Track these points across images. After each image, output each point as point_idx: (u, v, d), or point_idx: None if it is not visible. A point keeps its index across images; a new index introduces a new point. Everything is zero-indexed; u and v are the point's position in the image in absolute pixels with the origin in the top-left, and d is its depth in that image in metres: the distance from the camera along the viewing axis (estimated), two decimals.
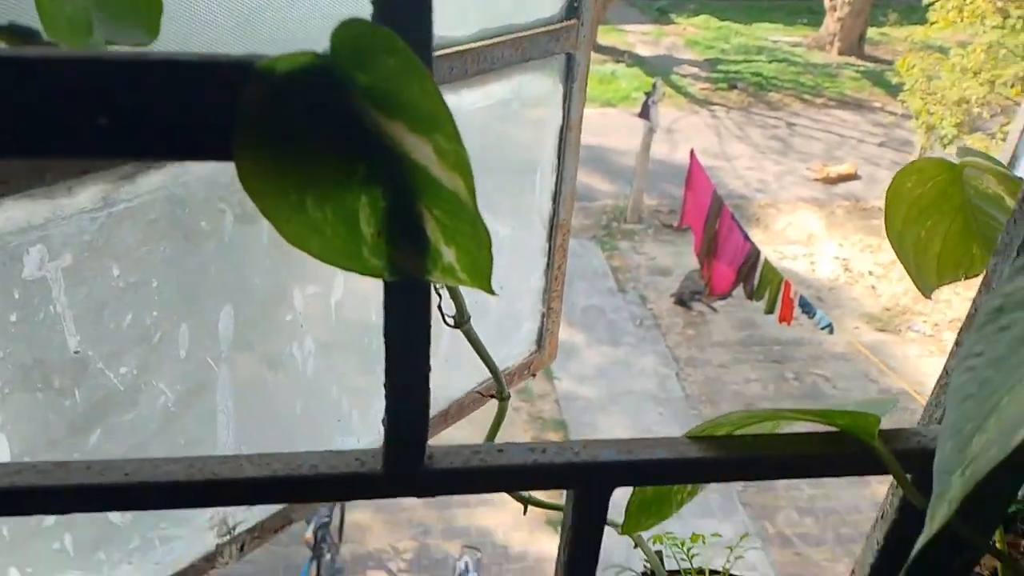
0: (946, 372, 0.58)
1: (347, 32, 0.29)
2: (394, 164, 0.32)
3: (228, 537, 0.97)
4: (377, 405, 1.01)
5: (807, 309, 7.77)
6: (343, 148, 0.31)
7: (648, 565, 0.69)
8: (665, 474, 0.50)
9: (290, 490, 0.47)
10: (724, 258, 8.56)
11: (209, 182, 0.74)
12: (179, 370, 0.82)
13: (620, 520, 0.64)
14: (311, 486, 0.47)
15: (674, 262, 10.01)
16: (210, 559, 0.95)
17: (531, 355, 1.27)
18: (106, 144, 0.31)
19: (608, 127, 12.89)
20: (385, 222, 0.36)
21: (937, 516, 0.39)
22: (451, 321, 0.48)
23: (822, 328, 7.77)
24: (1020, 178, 0.60)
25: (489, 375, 1.29)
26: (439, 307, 0.48)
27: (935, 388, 0.59)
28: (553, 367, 7.98)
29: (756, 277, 8.18)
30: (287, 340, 0.89)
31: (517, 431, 7.13)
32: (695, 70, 15.21)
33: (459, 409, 1.05)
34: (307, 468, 0.47)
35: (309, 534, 4.98)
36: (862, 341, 8.61)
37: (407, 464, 0.47)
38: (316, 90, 0.30)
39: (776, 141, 13.20)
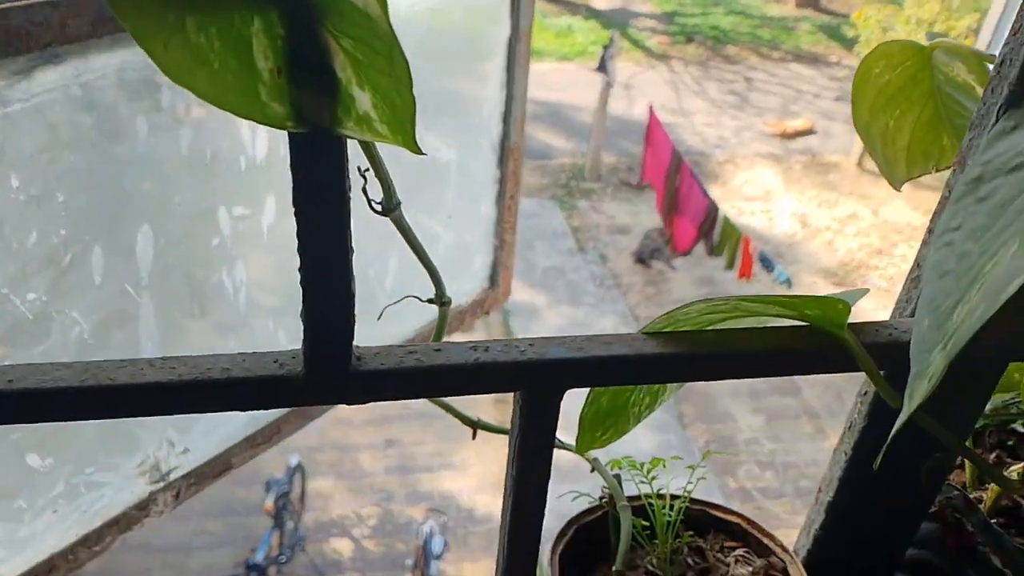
0: (917, 264, 0.54)
1: None
2: None
3: (162, 484, 0.91)
4: None
5: (766, 264, 7.85)
6: None
7: (606, 489, 0.65)
8: (621, 373, 0.46)
9: (199, 396, 0.41)
10: (686, 215, 8.59)
11: (117, 82, 0.66)
12: (94, 298, 0.75)
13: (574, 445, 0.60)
14: (223, 391, 0.41)
15: (633, 220, 10.01)
16: (143, 507, 0.89)
17: (484, 292, 1.22)
18: None
19: (564, 83, 12.76)
20: (285, 56, 0.30)
21: (916, 393, 0.35)
22: (378, 207, 0.43)
23: (780, 283, 7.86)
24: (992, 56, 0.55)
25: (453, 307, 1.23)
26: (364, 190, 0.42)
27: (905, 283, 0.55)
28: (514, 328, 7.96)
29: (716, 233, 8.23)
30: (215, 267, 0.83)
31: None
32: (653, 23, 15.10)
33: (427, 332, 1.00)
34: (217, 371, 0.41)
35: (269, 503, 4.92)
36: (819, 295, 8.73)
37: (332, 365, 0.41)
38: None
39: (733, 96, 13.20)
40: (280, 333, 0.92)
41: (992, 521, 0.59)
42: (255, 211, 0.84)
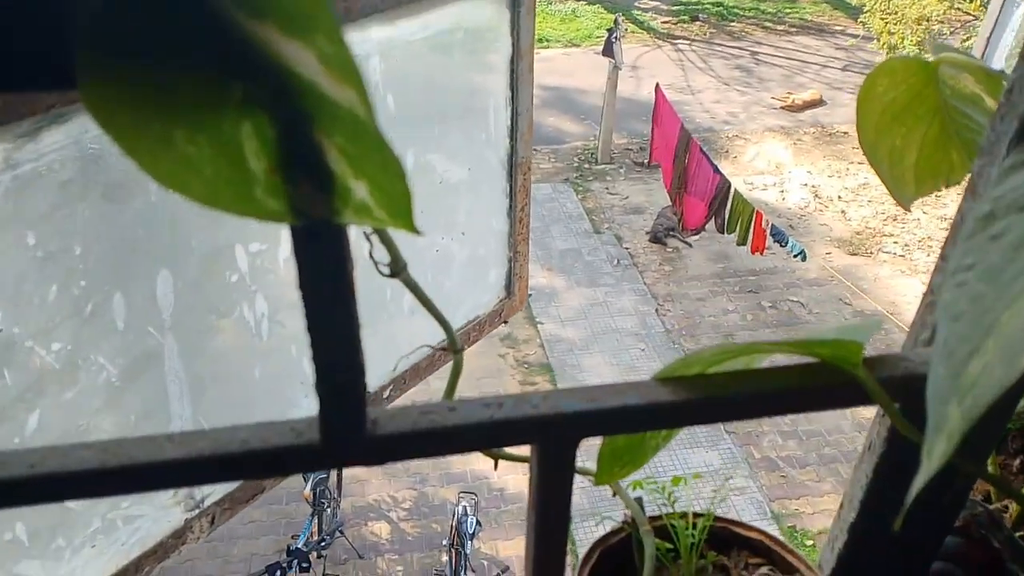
0: (931, 290, 0.54)
1: None
2: (276, 81, 0.26)
3: (197, 511, 0.93)
4: None
5: (779, 238, 7.80)
6: (209, 62, 0.25)
7: (628, 513, 0.65)
8: (634, 421, 0.46)
9: (220, 470, 0.42)
10: (695, 192, 8.53)
11: None
12: (119, 342, 0.76)
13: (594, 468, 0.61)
14: (242, 463, 0.42)
15: (647, 200, 9.97)
16: (179, 535, 0.91)
17: (501, 302, 1.22)
18: None
19: (572, 68, 12.70)
20: (278, 155, 0.30)
21: (935, 453, 0.35)
22: (386, 270, 0.43)
23: (794, 256, 7.81)
24: (1001, 72, 0.55)
25: (465, 325, 1.24)
26: (370, 255, 0.42)
27: (920, 307, 0.55)
28: (535, 311, 7.98)
29: (727, 210, 8.18)
30: (235, 302, 0.84)
31: (506, 377, 7.17)
32: (656, 3, 14.97)
33: (417, 371, 1.01)
34: (236, 444, 0.42)
35: (308, 491, 5.03)
36: (834, 266, 8.68)
37: (347, 432, 0.42)
38: None
39: (740, 71, 13.08)
40: (304, 360, 0.93)
41: (1017, 535, 0.59)
42: (271, 245, 0.84)
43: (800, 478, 6.17)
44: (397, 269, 0.43)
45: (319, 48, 0.24)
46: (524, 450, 0.52)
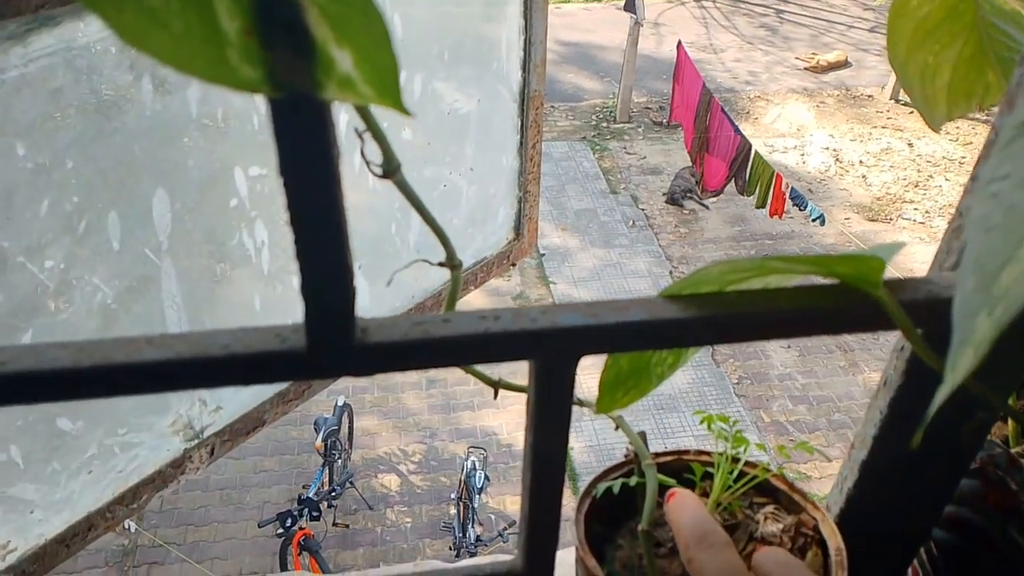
0: (959, 213, 0.51)
1: None
2: None
3: (196, 441, 0.92)
4: None
5: (798, 202, 7.70)
6: None
7: (631, 447, 0.63)
8: (637, 339, 0.43)
9: (200, 374, 0.40)
10: (716, 153, 8.42)
11: (118, 44, 0.64)
12: (114, 263, 0.74)
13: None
14: (224, 368, 0.40)
15: (665, 160, 9.86)
16: (178, 465, 0.90)
17: (509, 244, 1.19)
18: None
19: (593, 23, 12.47)
20: (253, 14, 0.27)
21: (960, 364, 0.33)
22: (378, 171, 0.40)
23: (813, 220, 7.71)
24: None
25: (473, 266, 1.21)
26: (361, 152, 0.40)
27: (946, 233, 0.52)
28: (548, 271, 7.96)
29: (747, 171, 8.07)
30: (235, 228, 0.81)
31: None
32: None
33: (437, 301, 0.99)
34: (218, 348, 0.40)
35: (319, 442, 5.10)
36: (853, 231, 8.57)
37: (335, 339, 0.40)
38: None
39: (764, 30, 12.80)
40: None
41: None
42: (271, 170, 0.82)
43: (809, 442, 6.18)
44: (391, 169, 0.41)
45: None
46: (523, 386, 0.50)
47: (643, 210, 9.09)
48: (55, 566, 0.78)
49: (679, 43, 9.14)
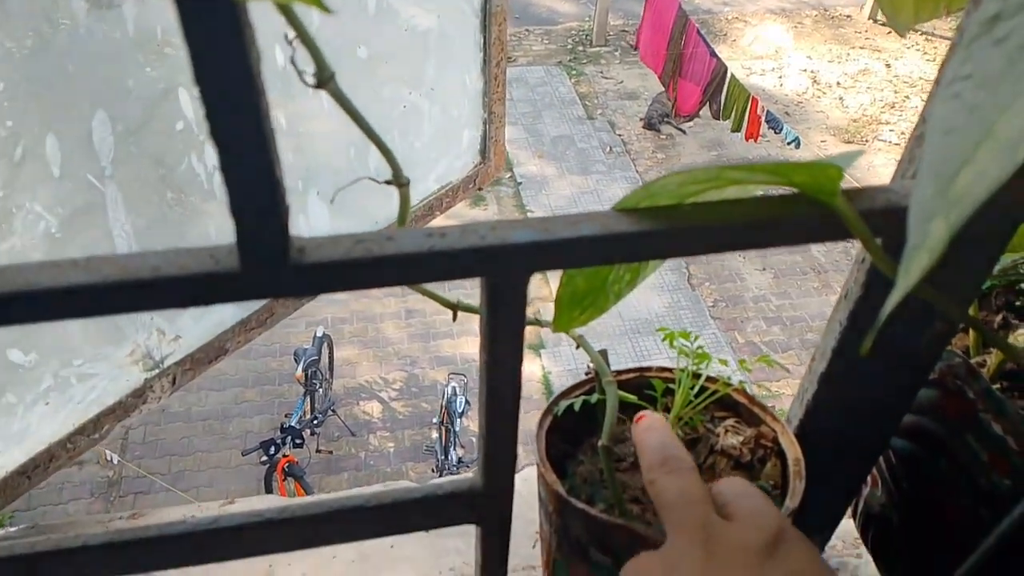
0: (922, 120, 0.49)
1: None
2: None
3: (156, 371, 0.90)
4: (301, 221, 0.92)
5: (774, 125, 7.64)
6: None
7: (592, 365, 0.63)
8: (591, 254, 0.42)
9: (130, 297, 0.38)
10: (690, 77, 8.29)
11: None
12: (56, 190, 0.71)
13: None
14: (155, 290, 0.38)
15: (642, 84, 9.71)
16: (139, 394, 0.89)
17: (476, 167, 1.17)
18: None
19: None
20: None
21: (912, 268, 0.32)
22: (311, 80, 0.38)
23: (789, 143, 7.68)
24: None
25: (438, 191, 1.18)
26: (292, 60, 0.37)
27: (908, 142, 0.51)
28: (525, 199, 7.90)
29: (723, 95, 7.97)
30: (183, 152, 0.78)
31: None
32: None
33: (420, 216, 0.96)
34: (147, 270, 0.38)
35: (300, 372, 5.12)
36: (828, 154, 8.55)
37: (269, 259, 0.38)
38: None
39: None
40: None
41: (995, 387, 0.56)
42: None
43: (781, 361, 6.29)
44: (323, 78, 0.38)
45: None
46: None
47: (620, 136, 8.99)
48: (17, 497, 0.77)
49: None
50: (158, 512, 0.81)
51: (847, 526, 0.73)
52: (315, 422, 5.03)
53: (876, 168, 8.44)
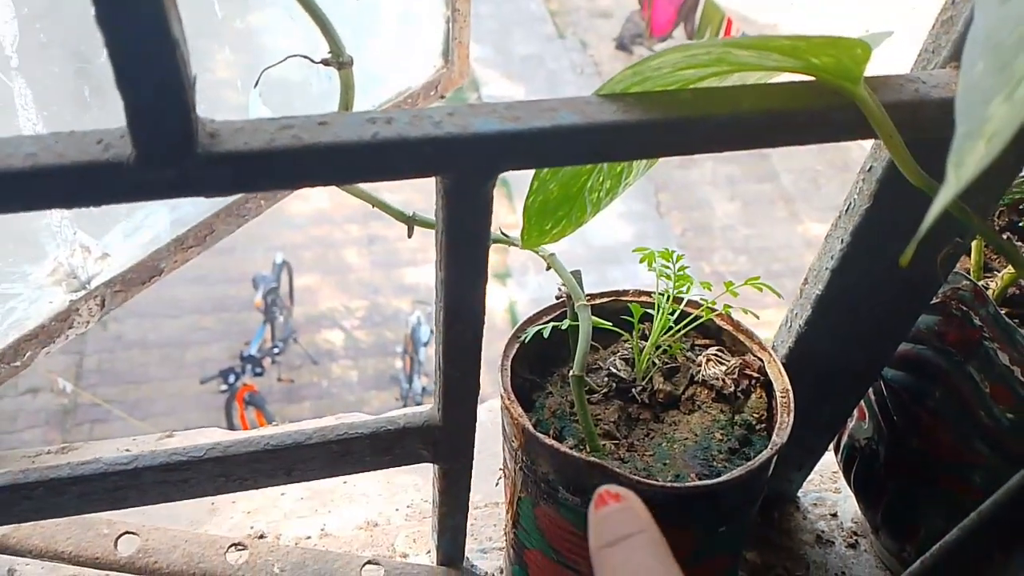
0: (952, 2, 0.42)
1: None
2: None
3: (82, 292, 0.82)
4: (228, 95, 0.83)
5: None
6: None
7: (563, 287, 0.56)
8: (570, 149, 0.35)
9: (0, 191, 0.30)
10: None
11: None
12: None
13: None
14: (31, 183, 0.31)
15: (615, 3, 9.42)
16: (64, 318, 0.81)
17: (438, 72, 1.07)
18: None
19: None
20: None
21: (968, 159, 0.25)
22: None
23: None
24: None
25: (396, 96, 1.09)
26: None
27: (932, 28, 0.44)
28: None
29: (697, 15, 7.77)
30: (101, 42, 0.69)
31: None
32: None
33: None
34: (20, 158, 0.30)
35: (259, 299, 5.01)
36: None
37: (171, 146, 0.31)
38: None
39: None
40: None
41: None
42: None
43: (746, 291, 6.34)
44: None
45: None
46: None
47: (591, 56, 8.77)
48: None
49: None
50: (90, 446, 0.75)
51: (827, 459, 0.69)
52: (275, 350, 4.95)
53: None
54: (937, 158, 0.29)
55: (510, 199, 7.65)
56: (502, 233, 0.51)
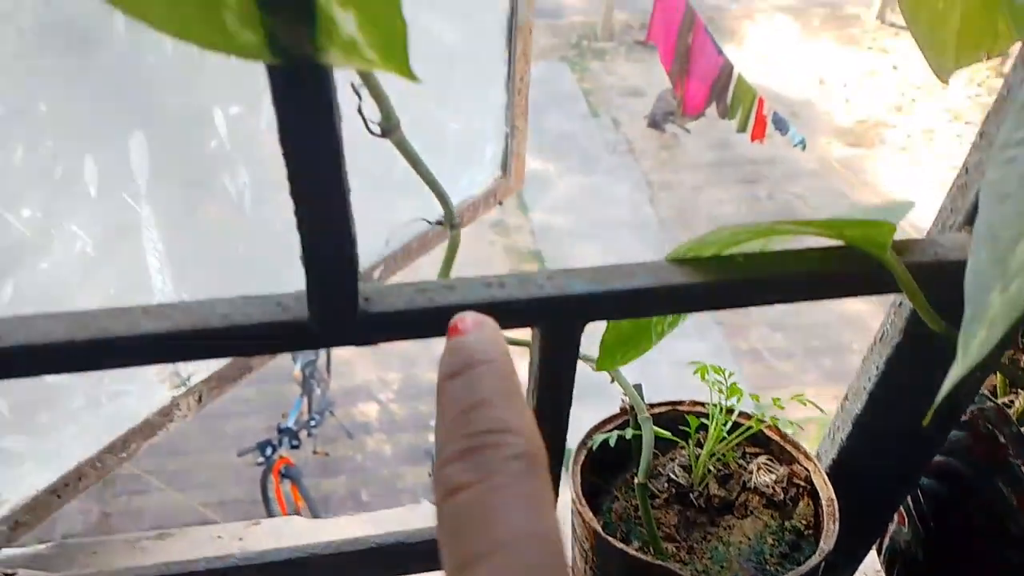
0: (965, 170, 0.50)
1: None
2: None
3: (183, 389, 0.91)
4: None
5: (780, 126, 7.61)
6: None
7: (626, 399, 0.64)
8: (644, 305, 0.43)
9: (199, 345, 0.39)
10: (697, 75, 8.26)
11: None
12: (92, 210, 0.72)
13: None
14: (224, 339, 0.39)
15: (647, 82, 9.69)
16: (166, 413, 0.90)
17: (496, 181, 1.17)
18: None
19: None
20: None
21: (974, 344, 0.32)
22: (376, 129, 0.39)
23: (795, 145, 7.65)
24: None
25: (458, 205, 1.19)
26: (359, 110, 0.38)
27: (950, 191, 0.51)
28: (526, 199, 7.90)
29: (729, 94, 7.95)
30: (216, 172, 0.79)
31: (495, 265, 7.16)
32: None
33: (409, 251, 0.96)
34: (217, 319, 0.39)
35: (297, 371, 5.07)
36: (835, 156, 8.56)
37: (338, 309, 0.39)
38: None
39: None
40: (291, 236, 0.89)
41: None
42: (251, 110, 0.79)
43: (783, 368, 6.30)
44: (389, 127, 0.39)
45: None
46: (521, 333, 0.49)
47: (624, 134, 8.98)
48: (47, 516, 0.78)
49: None
50: (184, 533, 0.82)
51: (870, 558, 0.74)
52: (312, 423, 5.00)
53: (883, 172, 8.43)
54: (959, 305, 0.34)
55: (525, 213, 7.74)
56: (581, 355, 0.58)
